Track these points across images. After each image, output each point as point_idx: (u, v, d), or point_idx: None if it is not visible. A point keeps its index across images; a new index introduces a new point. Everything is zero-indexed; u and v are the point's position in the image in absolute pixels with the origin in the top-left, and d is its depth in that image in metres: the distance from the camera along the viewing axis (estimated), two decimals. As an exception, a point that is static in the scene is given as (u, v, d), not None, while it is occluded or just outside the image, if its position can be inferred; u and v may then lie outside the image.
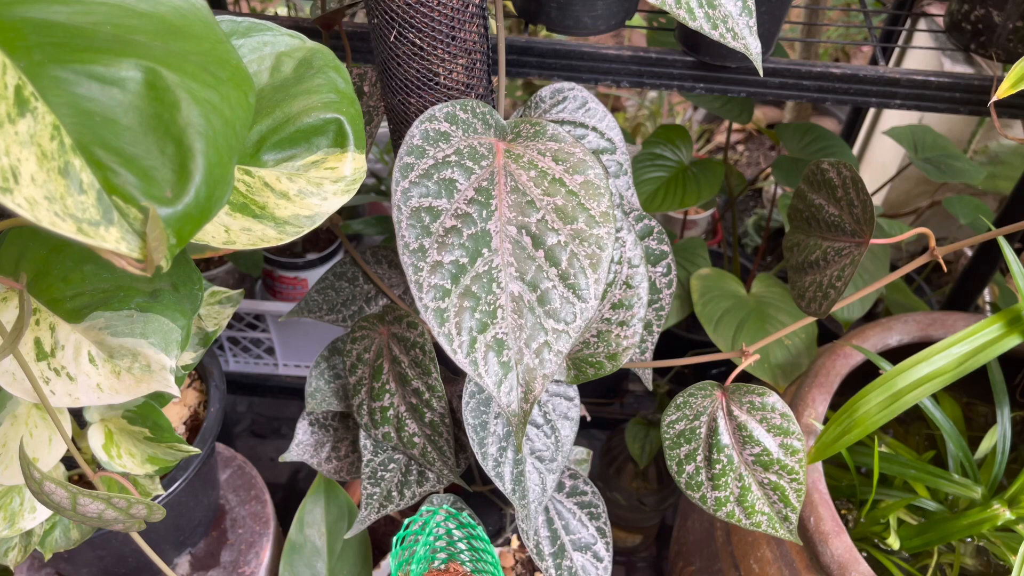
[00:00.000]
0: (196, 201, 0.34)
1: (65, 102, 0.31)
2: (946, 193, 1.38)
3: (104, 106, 0.32)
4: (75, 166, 0.31)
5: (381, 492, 0.75)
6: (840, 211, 0.61)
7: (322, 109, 0.45)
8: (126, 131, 0.32)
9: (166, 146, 0.33)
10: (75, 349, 0.51)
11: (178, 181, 0.33)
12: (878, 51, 0.83)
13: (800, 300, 0.63)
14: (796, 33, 1.53)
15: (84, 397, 0.51)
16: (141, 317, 0.53)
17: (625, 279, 0.60)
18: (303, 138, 0.45)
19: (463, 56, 0.56)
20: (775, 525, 0.62)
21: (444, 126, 0.50)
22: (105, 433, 0.67)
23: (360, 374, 0.72)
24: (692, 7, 0.48)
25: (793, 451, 0.61)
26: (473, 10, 0.54)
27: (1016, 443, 0.86)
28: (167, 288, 0.54)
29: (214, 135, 0.34)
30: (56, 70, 0.31)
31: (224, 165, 0.35)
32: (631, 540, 1.19)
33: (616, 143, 0.67)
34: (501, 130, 0.53)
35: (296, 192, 0.44)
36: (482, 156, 0.51)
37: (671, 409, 0.63)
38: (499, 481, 0.64)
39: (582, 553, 0.75)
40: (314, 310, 0.78)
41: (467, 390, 0.63)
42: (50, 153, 0.31)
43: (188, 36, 0.36)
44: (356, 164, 0.46)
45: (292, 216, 0.43)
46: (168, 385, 0.52)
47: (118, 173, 0.32)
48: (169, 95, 0.33)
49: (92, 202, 0.32)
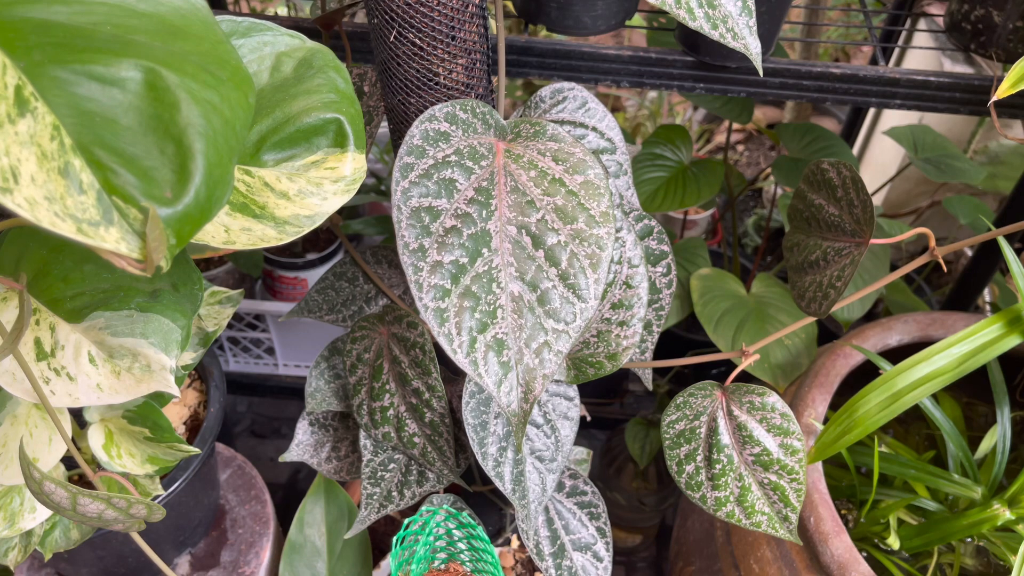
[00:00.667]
0: (196, 201, 0.34)
1: (65, 102, 0.31)
2: (946, 193, 1.38)
3: (104, 106, 0.32)
4: (75, 166, 0.31)
5: (381, 492, 0.75)
6: (840, 211, 0.61)
7: (322, 109, 0.45)
8: (126, 131, 0.32)
9: (166, 146, 0.33)
10: (75, 349, 0.51)
11: (178, 181, 0.33)
12: (878, 51, 0.83)
13: (800, 300, 0.63)
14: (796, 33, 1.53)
15: (84, 397, 0.51)
16: (141, 317, 0.53)
17: (625, 279, 0.60)
18: (303, 138, 0.45)
19: (463, 56, 0.56)
20: (775, 525, 0.62)
21: (444, 126, 0.50)
22: (105, 433, 0.67)
23: (360, 374, 0.72)
24: (692, 7, 0.48)
25: (793, 451, 0.61)
26: (473, 10, 0.54)
27: (1016, 443, 0.86)
28: (167, 288, 0.54)
29: (214, 135, 0.34)
30: (56, 70, 0.31)
31: (224, 165, 0.35)
32: (631, 540, 1.19)
33: (616, 143, 0.67)
34: (501, 130, 0.53)
35: (296, 192, 0.44)
36: (482, 156, 0.51)
37: (671, 409, 0.63)
38: (499, 481, 0.64)
39: (582, 553, 0.75)
40: (314, 310, 0.78)
41: (467, 390, 0.63)
42: (50, 153, 0.31)
43: (188, 36, 0.36)
44: (356, 164, 0.46)
45: (292, 216, 0.43)
46: (168, 385, 0.52)
47: (118, 173, 0.32)
48: (169, 95, 0.33)
49: (92, 202, 0.32)
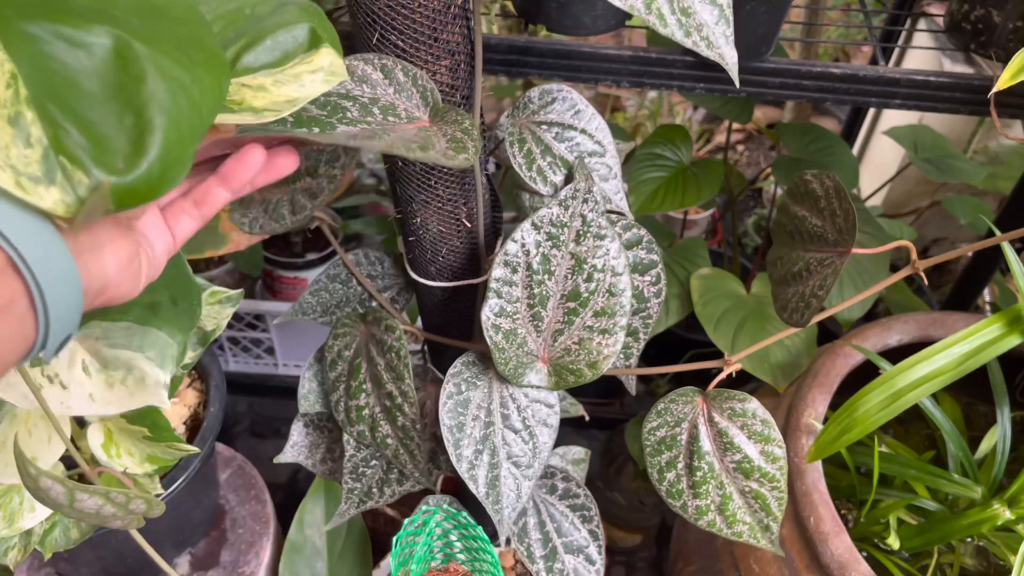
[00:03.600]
0: (147, 176, 0.33)
1: (28, 54, 0.31)
2: (946, 193, 1.38)
3: (68, 67, 0.31)
4: (26, 118, 0.31)
5: (362, 488, 0.75)
6: (823, 221, 0.61)
7: (295, 24, 0.45)
8: (87, 95, 0.32)
9: (125, 116, 0.32)
10: (69, 357, 0.51)
11: (132, 153, 0.33)
12: (878, 51, 0.83)
13: (783, 312, 0.62)
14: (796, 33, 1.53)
15: (76, 406, 0.51)
16: (139, 330, 0.52)
17: (608, 287, 0.60)
18: (278, 48, 0.44)
19: (447, 57, 0.55)
20: (756, 535, 0.61)
21: (376, 75, 0.52)
22: (104, 432, 0.67)
23: (340, 370, 0.72)
24: (664, 13, 0.45)
25: (774, 458, 0.60)
26: (455, 11, 0.53)
27: (1016, 443, 0.86)
28: (166, 302, 0.54)
29: (178, 114, 0.34)
30: (26, 25, 0.31)
31: (184, 145, 0.34)
32: (631, 540, 1.19)
33: (605, 146, 0.66)
34: (435, 111, 0.54)
35: (272, 83, 0.43)
36: (397, 116, 0.52)
37: (652, 415, 0.63)
38: (472, 484, 0.63)
39: (574, 556, 0.74)
40: (308, 312, 0.78)
41: (445, 391, 0.63)
42: (2, 100, 0.30)
43: (168, 17, 0.35)
44: (332, 58, 0.45)
45: (271, 103, 0.42)
46: (161, 400, 0.51)
47: (70, 134, 0.31)
48: (136, 66, 0.33)
49: (37, 158, 0.31)
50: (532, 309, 0.60)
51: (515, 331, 0.60)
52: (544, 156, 0.64)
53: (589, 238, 0.59)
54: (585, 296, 0.60)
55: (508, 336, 0.60)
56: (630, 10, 0.44)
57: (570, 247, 0.60)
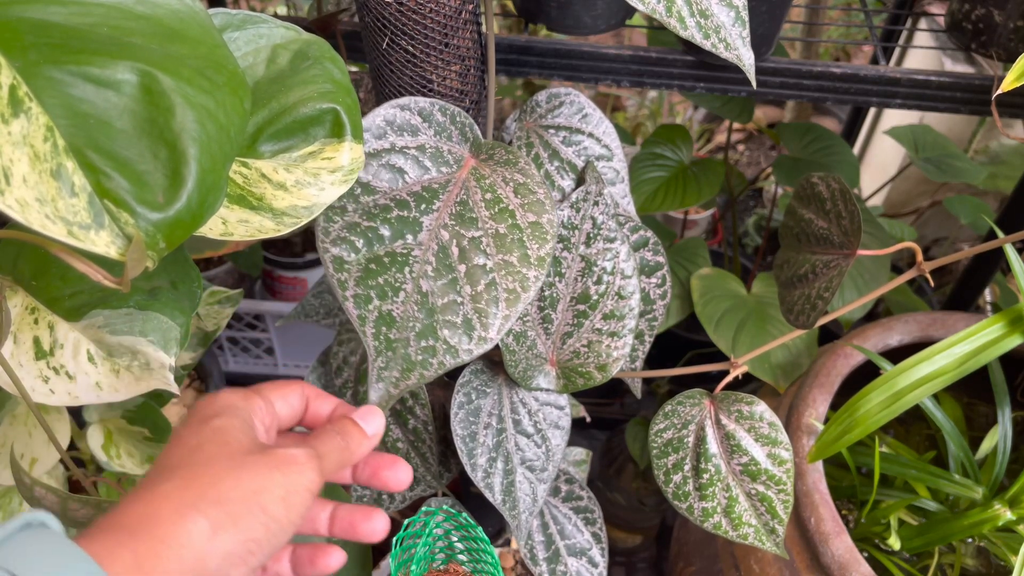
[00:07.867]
0: (188, 207, 0.33)
1: (59, 103, 0.31)
2: (947, 193, 1.38)
3: (98, 108, 0.32)
4: (68, 168, 0.31)
5: (372, 494, 0.75)
6: (829, 224, 0.61)
7: (318, 99, 0.45)
8: (120, 134, 0.32)
9: (159, 151, 0.33)
10: (74, 347, 0.51)
11: (171, 186, 0.33)
12: (879, 51, 0.83)
13: (788, 314, 0.62)
14: (796, 32, 1.52)
15: (83, 396, 0.51)
16: (140, 315, 0.52)
17: (617, 290, 0.60)
18: (300, 128, 0.45)
19: (457, 63, 0.55)
20: (762, 537, 0.61)
21: (415, 119, 0.51)
22: (104, 433, 0.67)
23: (346, 377, 0.71)
24: (683, 16, 0.45)
25: (781, 461, 0.61)
26: (466, 16, 0.53)
27: (1017, 443, 0.85)
28: (166, 286, 0.54)
29: (208, 140, 0.34)
30: (51, 71, 0.31)
31: (217, 171, 0.35)
32: (631, 540, 1.19)
33: (613, 150, 0.66)
34: (477, 146, 0.53)
35: (293, 183, 0.44)
36: (446, 163, 0.52)
37: (659, 417, 0.63)
38: (489, 492, 0.63)
39: (577, 558, 0.74)
40: (311, 314, 0.77)
41: (455, 401, 0.63)
42: (43, 155, 0.31)
43: (185, 40, 0.35)
44: (354, 154, 0.46)
45: (290, 207, 0.43)
46: (168, 383, 0.52)
47: (111, 177, 0.32)
48: (164, 99, 0.33)
49: (83, 205, 0.31)
50: (543, 311, 0.60)
51: (525, 333, 0.61)
52: (552, 160, 0.64)
53: (599, 241, 0.59)
54: (595, 299, 0.60)
55: (519, 338, 0.60)
56: (652, 13, 0.44)
57: (580, 249, 0.60)
